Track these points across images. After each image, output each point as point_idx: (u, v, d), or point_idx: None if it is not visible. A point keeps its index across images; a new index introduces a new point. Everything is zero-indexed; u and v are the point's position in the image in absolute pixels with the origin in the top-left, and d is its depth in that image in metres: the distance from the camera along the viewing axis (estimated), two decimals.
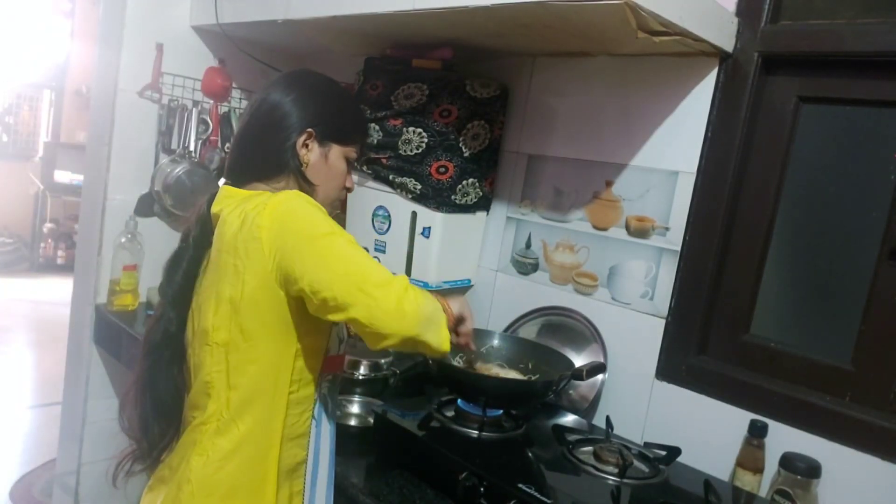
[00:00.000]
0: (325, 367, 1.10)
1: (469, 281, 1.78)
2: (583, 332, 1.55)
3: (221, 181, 1.14)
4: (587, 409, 1.49)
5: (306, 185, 1.12)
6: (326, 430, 1.13)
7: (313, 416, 1.09)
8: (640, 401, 1.46)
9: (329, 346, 1.11)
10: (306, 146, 1.12)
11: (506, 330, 1.65)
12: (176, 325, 1.11)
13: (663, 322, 1.43)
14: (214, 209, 1.08)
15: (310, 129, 1.11)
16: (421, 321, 0.98)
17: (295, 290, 0.99)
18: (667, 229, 1.43)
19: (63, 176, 6.04)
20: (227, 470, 1.03)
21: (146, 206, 2.09)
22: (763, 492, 1.25)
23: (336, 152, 1.16)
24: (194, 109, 2.11)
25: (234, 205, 1.05)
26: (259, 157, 1.12)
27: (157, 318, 1.13)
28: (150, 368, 1.12)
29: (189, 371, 1.11)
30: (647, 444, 1.32)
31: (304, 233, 0.99)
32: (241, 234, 1.00)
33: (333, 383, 1.16)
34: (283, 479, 1.07)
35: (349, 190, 1.21)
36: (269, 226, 0.98)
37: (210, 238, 1.07)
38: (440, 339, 1.02)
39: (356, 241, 1.03)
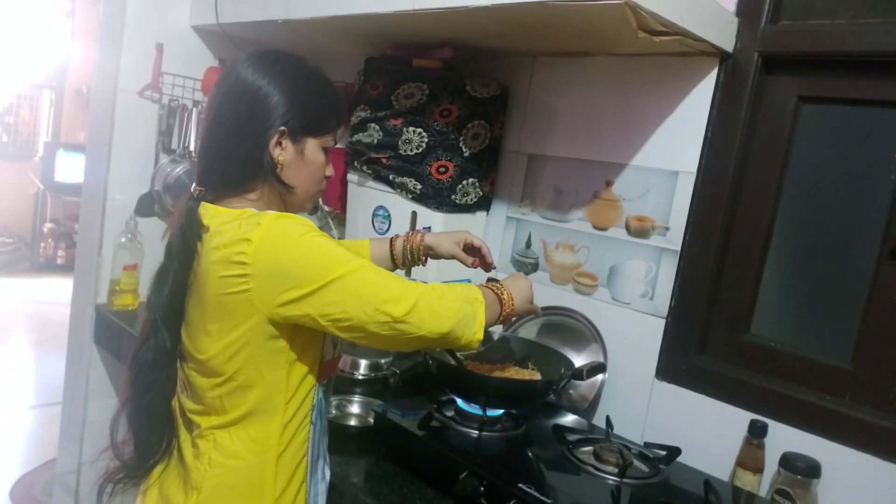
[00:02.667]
0: (322, 372, 1.09)
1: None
2: (583, 332, 1.55)
3: (194, 188, 1.05)
4: (587, 409, 1.49)
5: (284, 189, 1.05)
6: (321, 430, 1.12)
7: (311, 421, 1.09)
8: (640, 401, 1.46)
9: (323, 352, 1.09)
10: (280, 145, 1.03)
11: (506, 330, 1.65)
12: (170, 343, 1.05)
13: (663, 322, 1.43)
14: (204, 221, 1.02)
15: (282, 128, 1.01)
16: (453, 323, 1.02)
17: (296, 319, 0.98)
18: (667, 229, 1.43)
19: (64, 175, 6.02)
20: (232, 477, 1.02)
21: (146, 205, 2.10)
22: (763, 492, 1.26)
23: (312, 146, 1.06)
24: (194, 109, 2.11)
25: (217, 224, 1.00)
26: (227, 164, 1.03)
27: (146, 336, 1.06)
28: (145, 392, 1.05)
29: (183, 383, 1.08)
30: (647, 444, 1.32)
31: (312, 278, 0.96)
32: (225, 269, 0.96)
33: (328, 385, 1.16)
34: (287, 482, 1.06)
35: (329, 178, 1.13)
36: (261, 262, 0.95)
37: (194, 253, 1.02)
38: (470, 338, 1.05)
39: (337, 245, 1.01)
